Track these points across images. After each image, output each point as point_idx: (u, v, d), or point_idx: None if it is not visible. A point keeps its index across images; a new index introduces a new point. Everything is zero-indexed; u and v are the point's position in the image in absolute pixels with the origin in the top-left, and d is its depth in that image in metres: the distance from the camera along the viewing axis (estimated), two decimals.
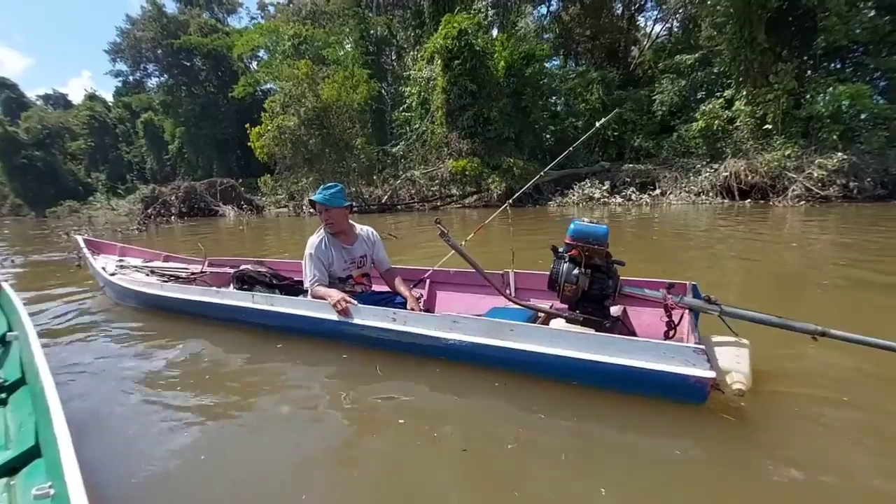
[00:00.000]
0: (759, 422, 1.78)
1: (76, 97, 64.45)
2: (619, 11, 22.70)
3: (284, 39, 24.56)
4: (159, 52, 33.10)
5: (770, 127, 12.09)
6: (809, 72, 12.59)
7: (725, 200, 11.86)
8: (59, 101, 52.72)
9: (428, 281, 3.23)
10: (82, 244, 4.66)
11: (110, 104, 44.94)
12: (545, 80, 18.08)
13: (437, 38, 15.83)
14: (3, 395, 1.82)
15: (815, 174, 10.31)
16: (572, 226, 2.17)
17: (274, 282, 3.28)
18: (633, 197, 13.61)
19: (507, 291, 2.79)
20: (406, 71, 21.57)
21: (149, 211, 17.36)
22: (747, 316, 1.95)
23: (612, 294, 2.16)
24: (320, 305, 2.60)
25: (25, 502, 1.16)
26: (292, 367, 2.56)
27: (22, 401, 1.75)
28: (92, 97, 46.04)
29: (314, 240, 2.75)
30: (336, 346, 2.62)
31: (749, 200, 11.62)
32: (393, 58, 25.86)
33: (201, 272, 3.96)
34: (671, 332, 2.11)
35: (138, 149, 40.64)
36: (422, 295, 3.07)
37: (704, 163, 13.28)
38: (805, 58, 13.04)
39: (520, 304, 2.42)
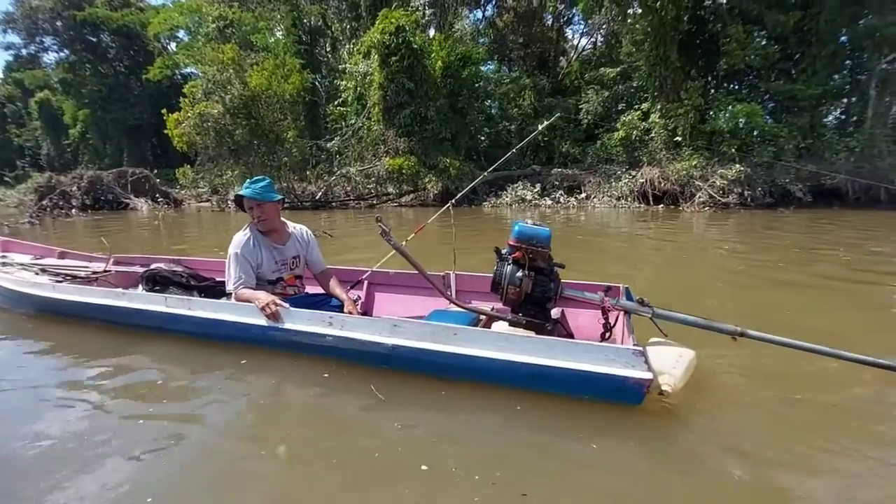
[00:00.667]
0: (687, 420, 1.86)
1: None
2: (550, 23, 23.78)
3: (208, 21, 22.89)
4: (59, 24, 29.54)
5: (680, 139, 13.27)
6: (713, 90, 14.00)
7: (642, 205, 12.85)
8: None
9: (366, 283, 3.10)
10: None
11: None
12: (481, 82, 18.47)
13: (374, 33, 15.61)
14: None
15: (718, 183, 11.49)
16: (516, 227, 2.15)
17: (192, 282, 2.98)
18: (561, 199, 14.32)
19: (449, 293, 2.76)
20: (341, 64, 21.01)
21: (44, 202, 15.40)
22: (676, 318, 2.02)
23: (554, 297, 2.17)
24: (246, 309, 2.40)
25: None
26: (219, 384, 2.29)
27: None
28: None
29: (240, 238, 2.53)
30: (269, 356, 2.44)
31: (662, 206, 12.67)
32: (327, 49, 25.08)
33: (105, 271, 3.49)
34: (607, 334, 2.17)
35: (31, 132, 36.06)
36: (359, 297, 2.95)
37: (624, 169, 14.28)
38: (709, 77, 14.49)
39: (462, 307, 2.37)
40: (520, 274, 2.12)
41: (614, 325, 2.20)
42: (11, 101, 37.69)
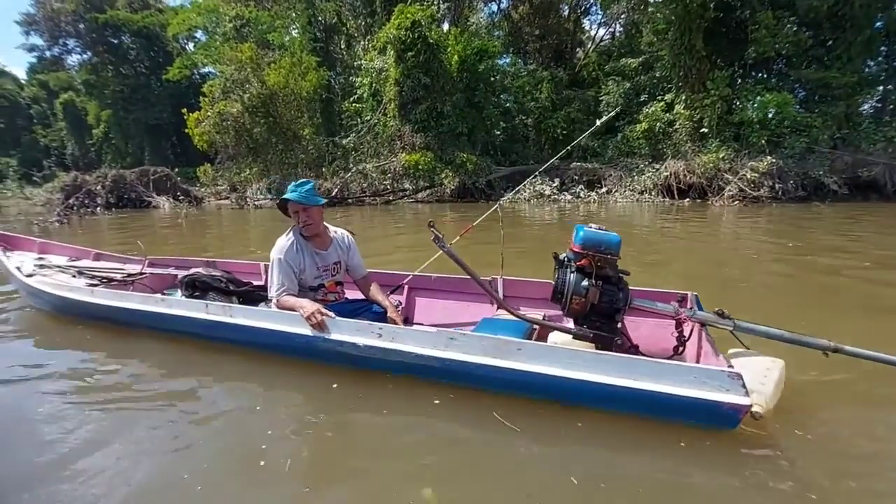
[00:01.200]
0: (780, 445, 1.68)
1: None
2: (566, 13, 23.33)
3: (225, 21, 23.07)
4: (81, 26, 30.14)
5: (706, 130, 12.85)
6: (740, 80, 13.51)
7: (666, 199, 12.49)
8: None
9: (406, 287, 2.95)
10: None
11: (23, 82, 40.51)
12: (497, 76, 18.20)
13: (391, 28, 15.47)
14: None
15: (749, 175, 11.08)
16: (581, 233, 1.97)
17: (230, 287, 2.85)
18: (581, 194, 14.02)
19: (507, 303, 2.61)
20: (356, 60, 20.96)
21: (70, 201, 15.73)
22: (760, 331, 1.85)
23: (623, 308, 1.99)
24: (290, 318, 2.26)
25: None
26: (265, 396, 2.16)
27: None
28: (1, 73, 41.33)
29: (284, 242, 2.40)
30: (314, 367, 2.30)
31: (687, 199, 12.30)
32: (342, 46, 25.05)
33: (140, 274, 3.42)
34: (680, 349, 2.01)
35: (57, 132, 36.96)
36: (400, 303, 2.80)
37: (647, 163, 13.91)
38: (736, 66, 13.99)
39: (522, 318, 2.19)
40: (585, 283, 1.95)
41: (688, 338, 2.01)
42: (37, 102, 38.70)
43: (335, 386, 2.17)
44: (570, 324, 2.11)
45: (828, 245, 5.83)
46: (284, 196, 2.38)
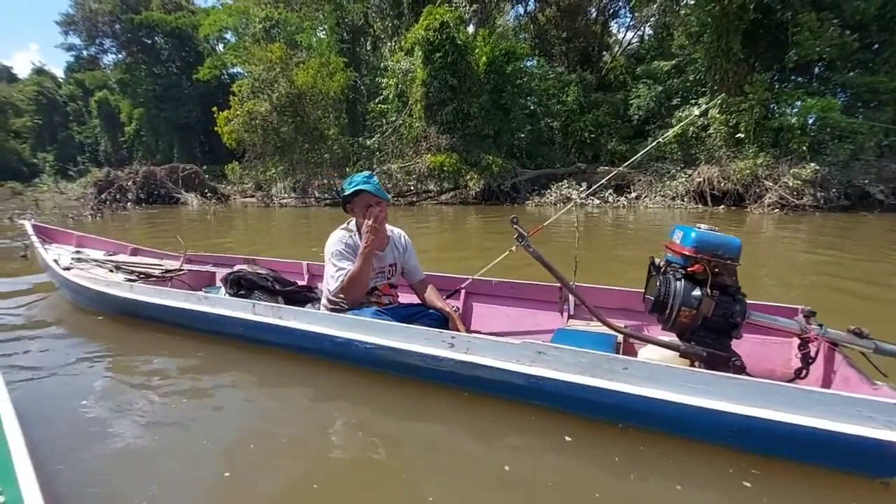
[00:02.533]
0: None
1: (22, 71, 59.88)
2: (594, 16, 23.01)
3: (255, 22, 23.47)
4: (117, 27, 31.10)
5: (742, 135, 12.41)
6: (780, 84, 13.03)
7: (699, 206, 12.10)
8: (2, 74, 48.92)
9: (463, 292, 2.73)
10: (31, 230, 3.91)
11: (61, 80, 42.05)
12: (525, 78, 18.00)
13: (419, 29, 15.44)
14: None
15: (791, 183, 10.64)
16: (693, 234, 1.71)
17: (276, 287, 2.70)
18: (609, 199, 13.71)
19: (566, 308, 2.43)
20: (382, 62, 21.05)
21: (103, 196, 16.14)
22: None
23: (741, 323, 1.70)
24: (346, 323, 2.07)
25: None
26: (320, 408, 1.96)
27: None
28: (40, 71, 43.07)
29: (341, 234, 2.24)
30: (372, 377, 2.10)
31: (722, 206, 11.89)
32: (368, 48, 25.22)
33: (179, 270, 3.34)
34: (803, 372, 1.73)
35: (91, 129, 38.17)
36: (457, 308, 2.58)
37: (679, 168, 13.52)
38: (775, 70, 13.50)
39: (621, 331, 1.91)
40: (698, 293, 1.68)
41: (814, 359, 1.74)
42: (73, 100, 40.07)
43: (381, 397, 1.96)
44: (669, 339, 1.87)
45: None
46: (357, 187, 2.16)
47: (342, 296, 2.20)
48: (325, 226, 10.53)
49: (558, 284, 2.44)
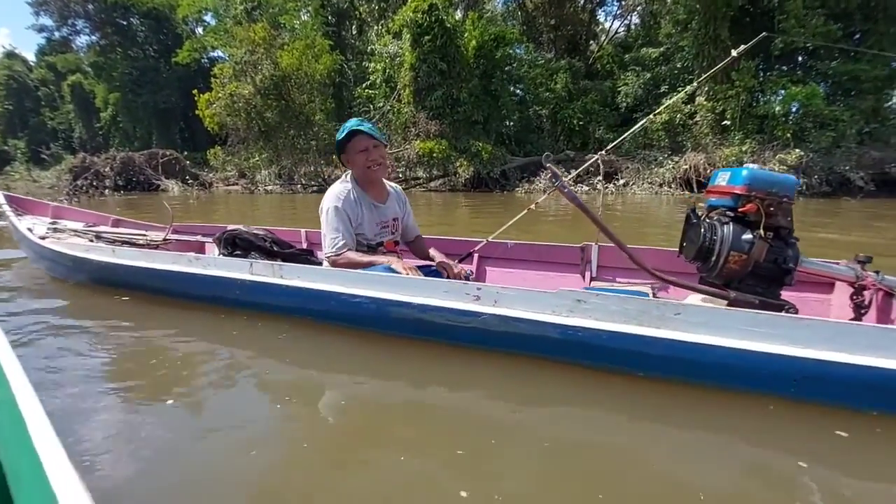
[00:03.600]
0: None
1: None
2: (581, 3, 22.93)
3: (236, 3, 22.77)
4: (90, 6, 29.84)
5: (728, 123, 12.55)
6: (766, 72, 13.18)
7: (686, 192, 12.23)
8: None
9: (476, 256, 2.58)
10: (2, 199, 3.68)
11: (32, 64, 40.30)
12: (514, 64, 17.87)
13: (407, 11, 15.16)
14: None
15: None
16: (745, 172, 1.57)
17: (275, 248, 2.50)
18: (598, 186, 13.76)
19: (588, 269, 2.33)
20: (369, 46, 20.65)
21: (78, 182, 15.59)
22: None
23: (794, 269, 1.57)
24: (356, 278, 1.87)
25: None
26: (332, 379, 1.77)
27: None
28: (11, 55, 41.30)
29: (339, 189, 2.04)
30: (382, 339, 1.91)
31: None
32: (354, 32, 24.71)
33: (164, 240, 3.13)
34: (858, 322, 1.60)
35: (65, 115, 36.78)
36: (470, 272, 2.42)
37: (666, 155, 13.63)
38: (760, 58, 13.63)
39: (665, 280, 1.71)
40: (749, 235, 1.54)
41: (867, 309, 1.63)
42: (45, 84, 38.45)
43: (404, 362, 1.78)
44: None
45: None
46: (352, 128, 2.00)
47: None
48: (313, 208, 10.33)
49: (578, 245, 2.41)
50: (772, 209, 1.55)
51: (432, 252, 2.26)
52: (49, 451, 0.79)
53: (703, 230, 1.62)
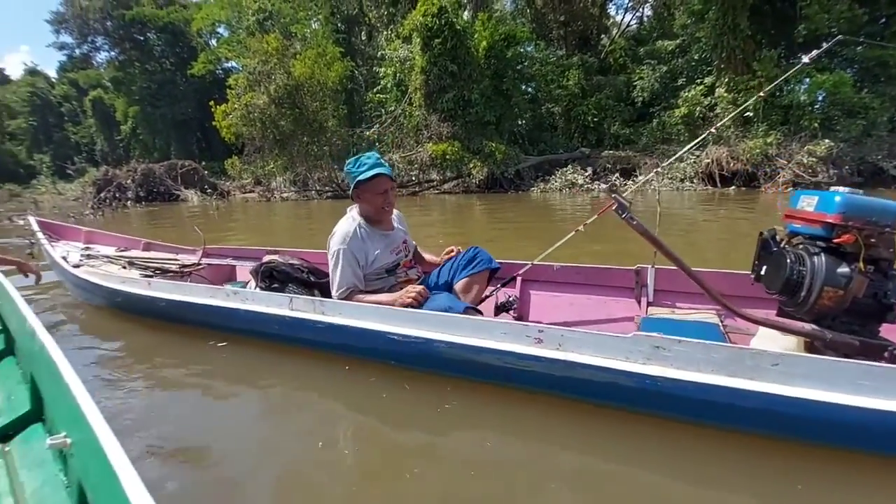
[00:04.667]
0: None
1: (15, 73, 59.35)
2: None
3: (248, 14, 23.11)
4: (108, 23, 30.65)
5: (751, 114, 12.17)
6: (788, 61, 12.75)
7: (709, 187, 11.90)
8: None
9: (519, 280, 2.41)
10: (36, 226, 3.69)
11: (54, 80, 41.56)
12: (525, 63, 17.69)
13: (417, 15, 15.11)
14: None
15: (805, 161, 10.42)
16: (838, 198, 1.40)
17: (312, 278, 2.42)
18: (616, 183, 13.50)
19: (644, 294, 2.17)
20: (379, 51, 20.71)
21: (102, 195, 15.94)
22: None
23: (895, 305, 1.41)
24: (403, 316, 1.78)
25: (27, 464, 1.21)
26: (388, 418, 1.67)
27: (8, 371, 1.75)
28: (33, 72, 42.65)
29: (346, 229, 2.04)
30: (437, 380, 1.77)
31: (733, 187, 11.69)
32: (363, 38, 24.84)
33: (197, 265, 3.11)
34: None
35: (87, 129, 37.83)
36: (514, 298, 2.29)
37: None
38: (783, 46, 13.21)
39: (750, 318, 1.52)
40: (846, 269, 1.39)
41: None
42: (67, 100, 39.61)
43: (450, 404, 1.67)
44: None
45: None
46: (376, 170, 1.99)
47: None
48: (327, 215, 10.39)
49: (632, 267, 2.23)
50: (872, 240, 1.38)
51: (427, 256, 2.37)
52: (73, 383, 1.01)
53: (788, 261, 1.46)
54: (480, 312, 1.97)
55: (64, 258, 3.10)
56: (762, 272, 1.64)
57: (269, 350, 2.20)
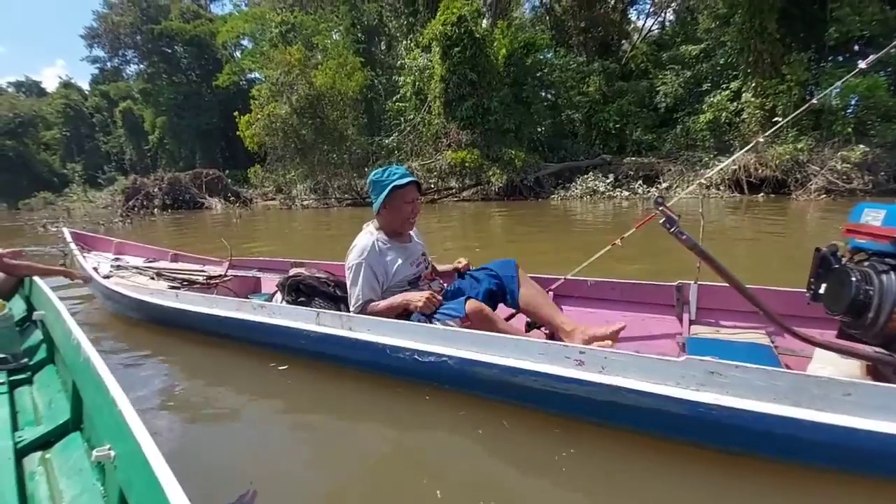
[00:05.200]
0: None
1: (51, 86, 61.95)
2: (612, 4, 22.43)
3: (271, 27, 23.63)
4: (138, 38, 31.76)
5: (780, 119, 11.81)
6: (819, 64, 12.37)
7: (736, 194, 11.56)
8: (31, 88, 50.60)
9: (552, 294, 2.32)
10: (69, 237, 3.80)
11: (86, 92, 43.18)
12: (545, 69, 17.60)
13: (436, 24, 15.21)
14: (28, 375, 1.89)
15: (839, 167, 10.04)
16: None
17: (338, 292, 2.40)
18: (639, 191, 13.25)
19: (686, 311, 2.05)
20: (398, 60, 20.90)
21: (130, 203, 16.42)
22: None
23: None
24: (433, 334, 1.72)
25: (65, 472, 1.25)
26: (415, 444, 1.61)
27: (49, 379, 1.83)
28: (67, 85, 44.32)
29: (365, 243, 2.02)
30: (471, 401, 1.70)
31: (761, 194, 11.34)
32: (383, 48, 25.14)
33: (223, 276, 3.14)
34: None
35: (117, 139, 39.11)
36: None
37: (712, 156, 12.98)
38: (813, 49, 12.83)
39: (814, 342, 1.41)
40: None
41: None
42: (99, 111, 41.08)
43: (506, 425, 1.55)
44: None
45: None
46: (409, 179, 1.99)
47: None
48: (346, 224, 10.45)
49: (672, 283, 2.10)
50: None
51: (441, 267, 2.35)
52: (117, 394, 1.04)
53: (853, 279, 1.37)
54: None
55: (95, 269, 3.16)
56: (820, 291, 1.53)
57: (295, 364, 2.16)
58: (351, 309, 2.01)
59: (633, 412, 1.39)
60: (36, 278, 2.48)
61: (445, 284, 2.27)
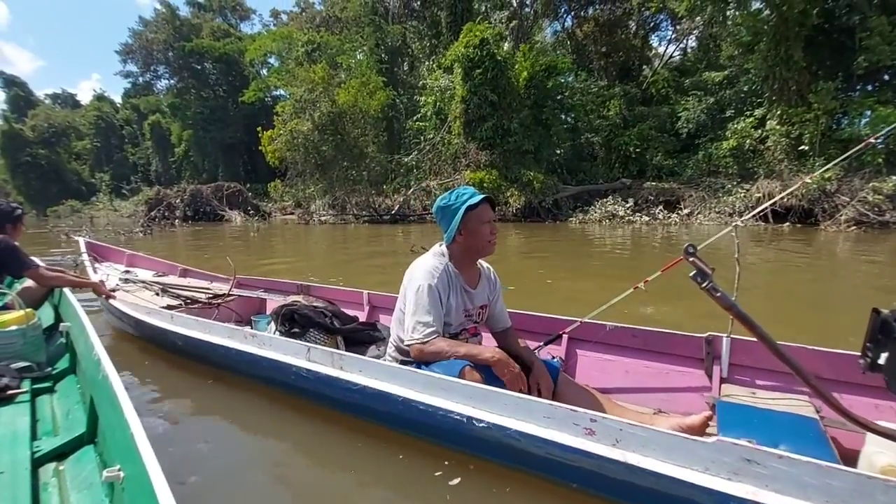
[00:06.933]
0: None
1: (85, 98, 64.59)
2: (634, 30, 22.57)
3: (298, 46, 24.33)
4: (170, 54, 33.01)
5: (807, 148, 11.58)
6: (846, 93, 12.15)
7: (760, 223, 11.28)
8: (67, 100, 52.75)
9: (566, 338, 2.13)
10: (83, 247, 3.82)
11: (118, 105, 44.85)
12: (566, 92, 17.67)
13: (459, 47, 15.45)
14: (50, 384, 1.91)
15: (871, 198, 9.73)
16: None
17: (335, 324, 2.24)
18: (659, 216, 13.05)
19: (716, 366, 1.83)
20: (420, 80, 21.25)
21: (153, 213, 16.78)
22: None
23: None
24: (440, 387, 1.51)
25: (77, 486, 1.26)
26: None
27: (69, 389, 1.84)
28: (100, 97, 46.05)
29: (432, 265, 1.74)
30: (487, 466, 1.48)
31: (787, 224, 11.04)
32: (405, 68, 25.63)
33: (228, 295, 3.07)
34: None
35: (144, 151, 40.34)
36: (559, 360, 2.04)
37: (735, 182, 12.75)
38: (840, 78, 12.62)
39: (873, 429, 1.14)
40: None
41: None
42: (128, 123, 42.57)
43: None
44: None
45: None
46: (482, 196, 1.71)
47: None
48: (364, 242, 10.47)
49: (702, 335, 1.85)
50: None
51: (525, 353, 1.81)
52: (130, 415, 1.05)
53: None
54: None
55: (102, 282, 3.11)
56: (880, 360, 1.32)
57: (281, 402, 1.98)
58: (408, 339, 1.68)
59: (650, 496, 1.18)
60: (66, 289, 2.51)
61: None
